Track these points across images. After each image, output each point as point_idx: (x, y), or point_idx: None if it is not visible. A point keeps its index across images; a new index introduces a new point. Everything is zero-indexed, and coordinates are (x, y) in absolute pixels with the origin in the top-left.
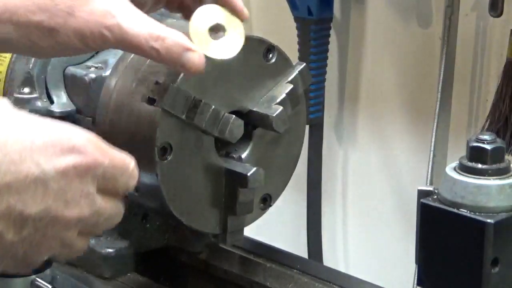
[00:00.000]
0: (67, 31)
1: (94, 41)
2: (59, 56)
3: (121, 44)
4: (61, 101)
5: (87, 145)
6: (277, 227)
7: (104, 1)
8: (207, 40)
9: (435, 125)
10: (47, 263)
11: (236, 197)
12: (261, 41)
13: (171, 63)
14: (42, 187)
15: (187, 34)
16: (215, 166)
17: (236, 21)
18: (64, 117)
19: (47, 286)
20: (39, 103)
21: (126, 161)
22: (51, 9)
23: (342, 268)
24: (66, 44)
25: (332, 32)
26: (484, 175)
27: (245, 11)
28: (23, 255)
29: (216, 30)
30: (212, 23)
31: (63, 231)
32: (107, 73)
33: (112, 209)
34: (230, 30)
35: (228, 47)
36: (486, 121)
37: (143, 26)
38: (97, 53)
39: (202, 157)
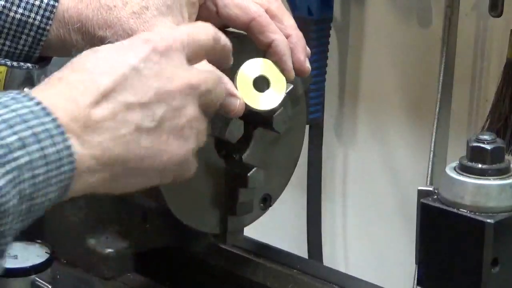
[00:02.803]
0: None
1: None
2: None
3: None
4: None
5: (157, 34)
6: (277, 227)
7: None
8: (250, 90)
9: (435, 125)
10: None
11: (236, 197)
12: None
13: None
14: (139, 77)
15: (234, 79)
16: (215, 166)
17: (282, 77)
18: None
19: (47, 286)
20: None
21: (204, 25)
22: (115, 28)
23: (342, 268)
24: None
25: (332, 32)
26: (484, 175)
27: (292, 72)
28: (169, 137)
29: (260, 82)
30: (258, 75)
31: (185, 103)
32: None
33: (212, 74)
34: (273, 85)
35: (268, 100)
36: (486, 121)
37: None
38: None
39: (202, 157)
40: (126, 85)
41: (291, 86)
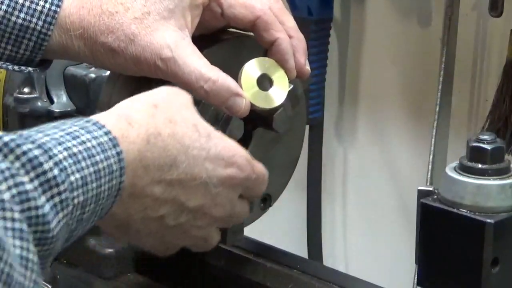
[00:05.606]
0: (125, 55)
1: (149, 69)
2: (120, 72)
3: (172, 78)
4: (61, 101)
5: (245, 164)
6: (277, 227)
7: (166, 35)
8: (253, 88)
9: (435, 125)
10: None
11: None
12: None
13: (217, 104)
14: (203, 189)
15: (239, 79)
16: None
17: (284, 75)
18: (64, 116)
19: (47, 286)
20: (39, 103)
21: (265, 173)
22: (117, 33)
23: (342, 268)
24: (123, 65)
25: (332, 32)
26: (484, 175)
27: (294, 71)
28: (172, 239)
29: (264, 80)
30: (261, 73)
31: (206, 226)
32: (107, 73)
33: (243, 210)
34: (276, 83)
35: (271, 98)
36: (486, 121)
37: (197, 66)
38: None
39: None
40: (190, 187)
41: (291, 86)
